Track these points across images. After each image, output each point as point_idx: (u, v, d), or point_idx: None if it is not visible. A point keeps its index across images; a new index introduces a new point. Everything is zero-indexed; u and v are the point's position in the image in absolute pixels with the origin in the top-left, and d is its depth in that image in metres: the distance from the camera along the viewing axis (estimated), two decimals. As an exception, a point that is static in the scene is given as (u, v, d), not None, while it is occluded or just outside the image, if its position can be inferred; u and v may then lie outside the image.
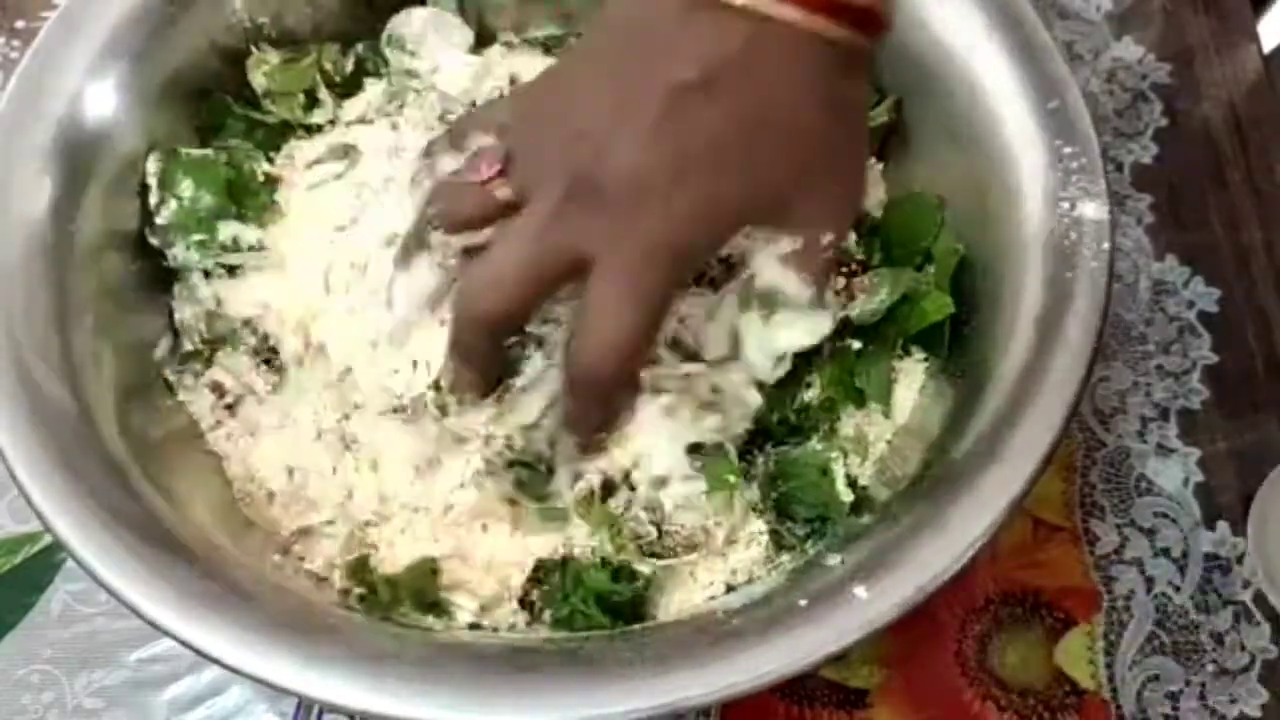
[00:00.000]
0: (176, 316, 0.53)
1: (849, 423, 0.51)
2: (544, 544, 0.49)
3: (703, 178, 0.40)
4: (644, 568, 0.48)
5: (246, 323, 0.53)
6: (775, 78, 0.40)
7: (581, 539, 0.49)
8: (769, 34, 0.39)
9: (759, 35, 0.39)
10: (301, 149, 0.56)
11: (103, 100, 0.51)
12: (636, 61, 0.41)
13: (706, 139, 0.40)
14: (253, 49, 0.56)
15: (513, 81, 0.58)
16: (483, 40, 0.61)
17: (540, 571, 0.48)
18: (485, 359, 0.46)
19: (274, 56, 0.57)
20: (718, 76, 0.39)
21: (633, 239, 0.40)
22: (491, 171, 0.43)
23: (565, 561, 0.49)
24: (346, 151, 0.55)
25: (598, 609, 0.47)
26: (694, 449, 0.49)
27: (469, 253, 0.46)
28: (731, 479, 0.48)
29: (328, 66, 0.58)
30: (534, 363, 0.47)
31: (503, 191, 0.43)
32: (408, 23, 0.59)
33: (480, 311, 0.43)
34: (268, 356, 0.52)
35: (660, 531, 0.48)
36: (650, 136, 0.40)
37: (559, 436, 0.48)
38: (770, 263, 0.45)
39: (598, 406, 0.45)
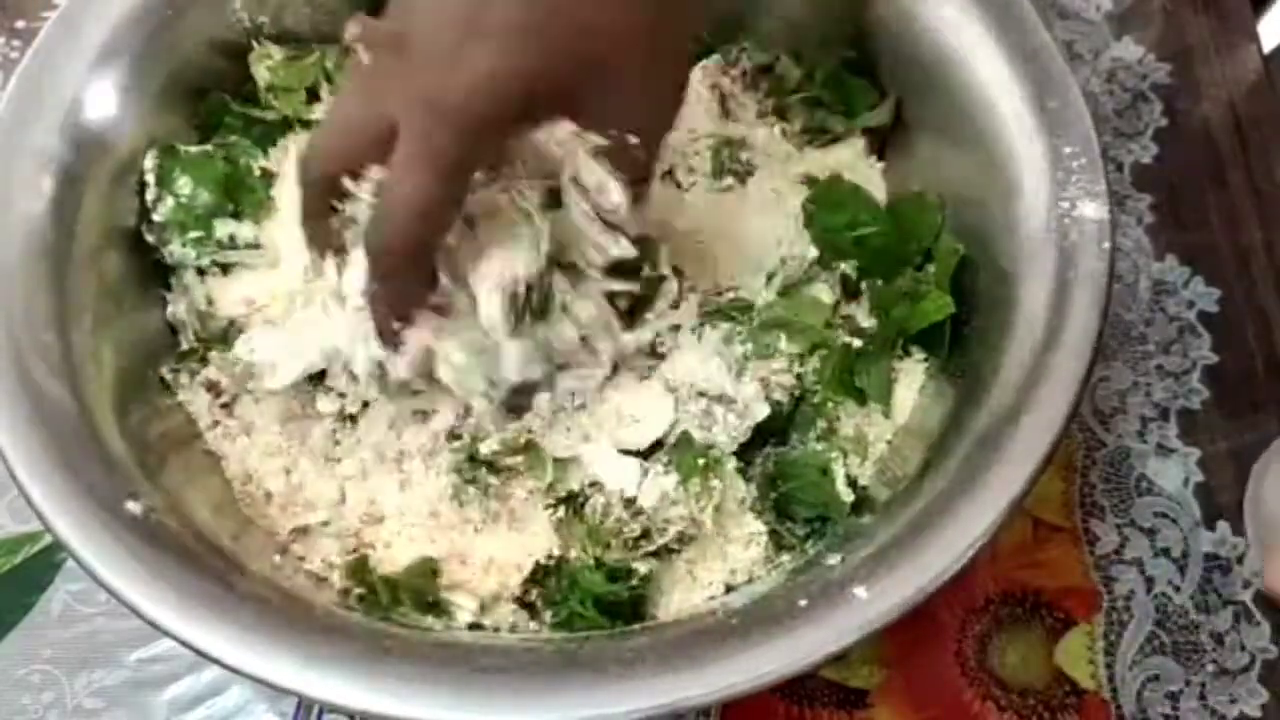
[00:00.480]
0: (171, 314, 0.53)
1: (849, 422, 0.51)
2: (542, 545, 0.49)
3: (492, 40, 0.40)
4: (641, 566, 0.48)
5: (232, 322, 0.53)
6: None
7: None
8: None
9: None
10: (297, 142, 0.56)
11: (102, 99, 0.51)
12: None
13: (501, 13, 0.39)
14: (254, 44, 0.56)
15: None
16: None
17: (539, 572, 0.48)
18: (318, 209, 0.46)
19: (277, 52, 0.57)
20: None
21: (423, 100, 0.40)
22: (354, 32, 0.42)
23: (562, 563, 0.49)
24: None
25: (595, 610, 0.47)
26: (653, 449, 0.49)
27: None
28: (701, 461, 0.49)
29: (329, 66, 0.58)
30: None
31: (363, 55, 0.43)
32: None
33: (303, 172, 0.45)
34: (257, 356, 0.53)
35: (650, 530, 0.48)
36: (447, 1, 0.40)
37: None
38: (586, 161, 0.45)
39: (398, 279, 0.45)
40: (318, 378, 0.51)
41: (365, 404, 0.51)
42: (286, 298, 0.53)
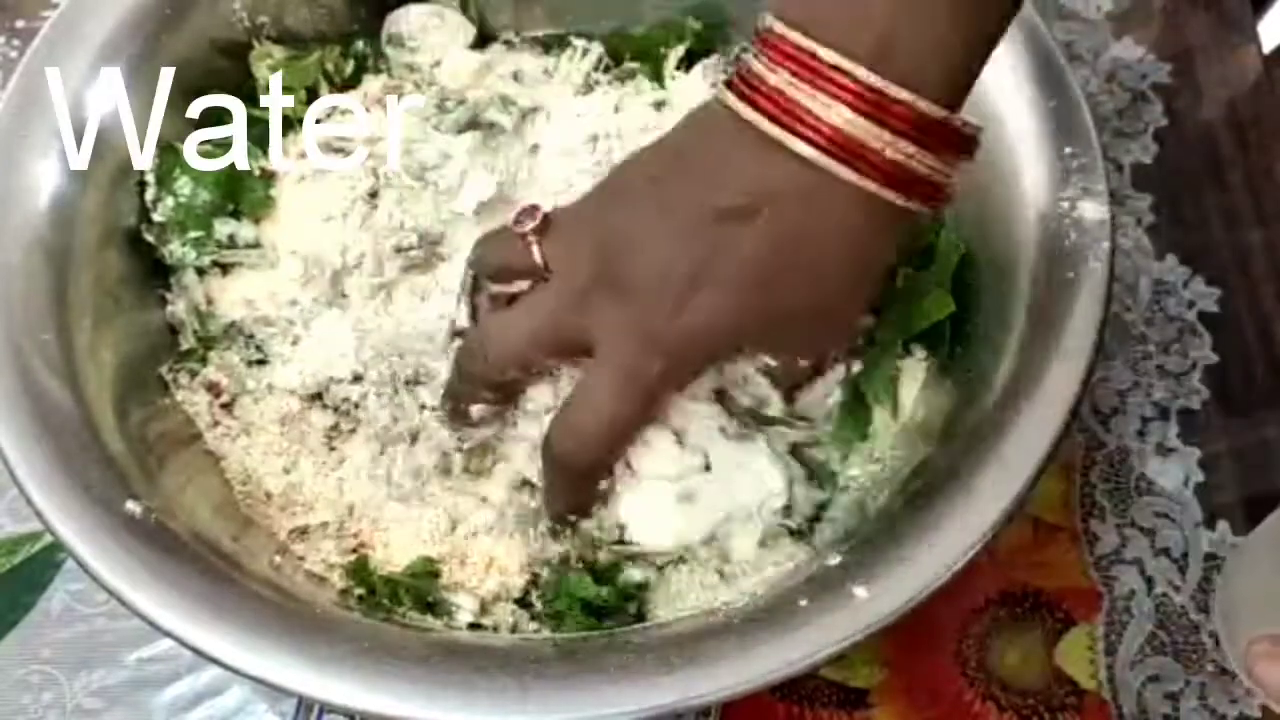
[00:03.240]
0: (171, 314, 0.53)
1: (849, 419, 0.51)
2: (541, 546, 0.49)
3: (718, 293, 0.41)
4: (635, 573, 0.48)
5: (232, 324, 0.53)
6: (815, 223, 0.41)
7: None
8: (823, 180, 0.39)
9: (812, 179, 0.39)
10: (295, 141, 0.56)
11: (102, 99, 0.51)
12: (685, 180, 0.42)
13: (733, 260, 0.41)
14: (255, 43, 0.56)
15: (515, 78, 0.58)
16: (484, 40, 0.61)
17: (538, 574, 0.49)
18: (473, 397, 0.47)
19: (278, 51, 0.57)
20: (760, 207, 0.40)
21: (638, 333, 0.42)
22: (532, 224, 0.44)
23: (560, 563, 0.49)
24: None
25: (582, 613, 0.47)
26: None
27: (495, 300, 0.47)
28: None
29: (329, 67, 0.58)
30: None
31: (536, 251, 0.44)
32: (407, 18, 0.59)
33: (481, 361, 0.46)
34: (258, 357, 0.53)
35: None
36: (682, 244, 0.41)
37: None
38: (747, 367, 0.47)
39: (570, 489, 0.47)
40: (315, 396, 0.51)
41: (357, 405, 0.51)
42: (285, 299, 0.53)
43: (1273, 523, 0.51)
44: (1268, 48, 0.70)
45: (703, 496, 0.47)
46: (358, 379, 0.51)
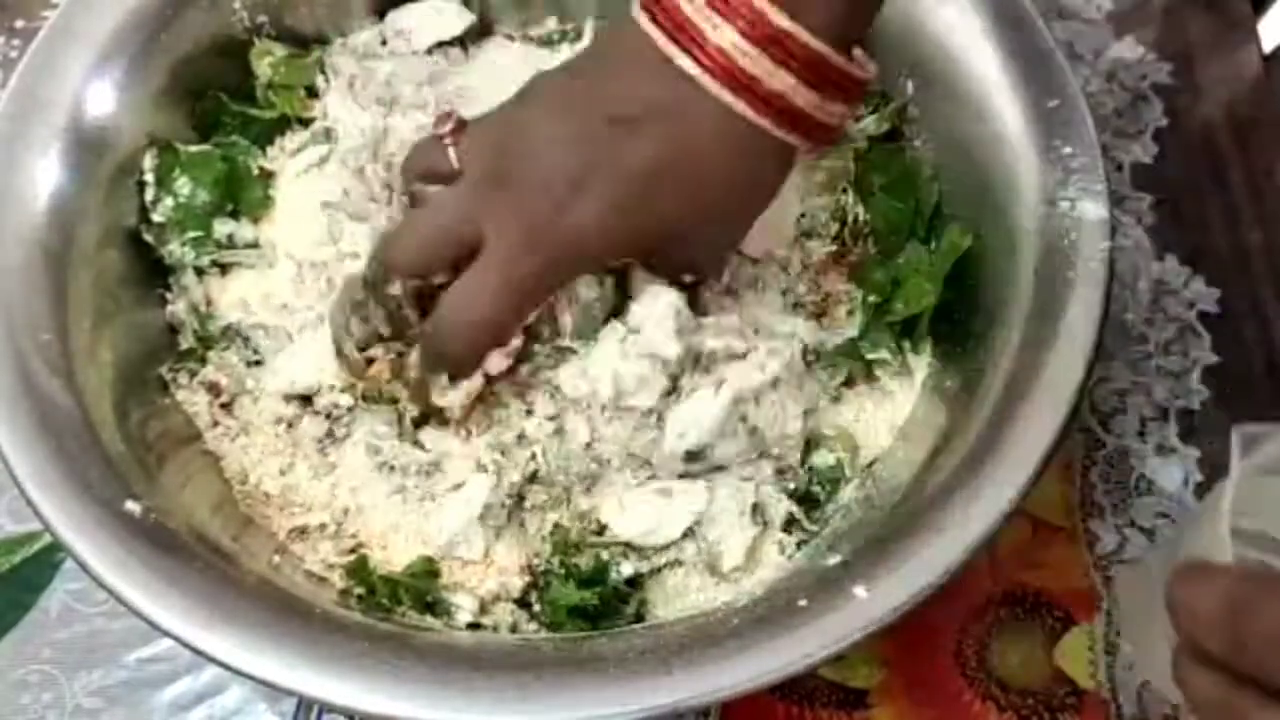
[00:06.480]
0: (171, 314, 0.53)
1: (847, 413, 0.52)
2: (539, 548, 0.49)
3: (600, 198, 0.44)
4: (625, 568, 0.48)
5: (231, 325, 0.53)
6: (695, 141, 0.43)
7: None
8: (705, 101, 0.42)
9: (703, 101, 0.42)
10: (291, 138, 0.56)
11: (102, 99, 0.51)
12: (585, 88, 0.45)
13: (617, 167, 0.43)
14: (255, 41, 0.57)
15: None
16: (484, 36, 0.61)
17: (537, 575, 0.49)
18: (384, 302, 0.48)
19: (278, 49, 0.57)
20: (648, 120, 0.43)
21: (520, 230, 0.44)
22: (446, 128, 0.46)
23: (544, 572, 0.49)
24: (328, 133, 0.55)
25: (579, 619, 0.47)
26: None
27: (416, 200, 0.49)
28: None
29: (329, 65, 0.58)
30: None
31: (452, 152, 0.46)
32: (407, 17, 0.59)
33: (387, 258, 0.47)
34: (257, 358, 0.53)
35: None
36: (572, 148, 0.44)
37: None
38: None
39: (441, 369, 0.48)
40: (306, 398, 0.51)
41: (351, 408, 0.51)
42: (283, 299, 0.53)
43: (1164, 541, 0.52)
44: (1268, 48, 0.70)
45: (679, 493, 0.48)
46: (349, 387, 0.51)
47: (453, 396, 0.48)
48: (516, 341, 0.47)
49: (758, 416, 0.49)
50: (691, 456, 0.48)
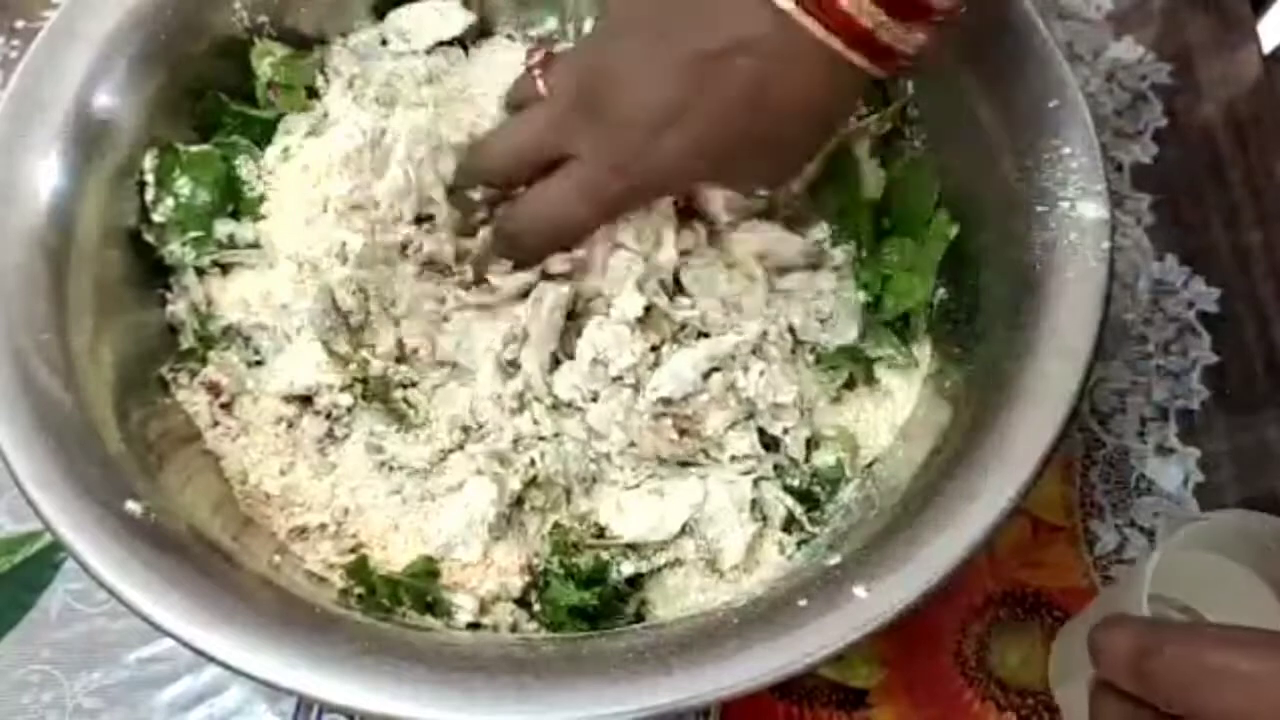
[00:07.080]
0: (171, 314, 0.53)
1: (847, 413, 0.52)
2: (539, 548, 0.49)
3: (688, 133, 0.45)
4: (626, 567, 0.48)
5: (231, 325, 0.53)
6: (783, 72, 0.44)
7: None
8: (791, 33, 0.43)
9: (783, 31, 0.43)
10: (292, 138, 0.56)
11: (102, 99, 0.51)
12: (675, 23, 0.45)
13: (707, 103, 0.45)
14: (255, 41, 0.57)
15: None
16: (484, 36, 0.61)
17: (537, 576, 0.49)
18: (460, 204, 0.53)
19: (278, 49, 0.57)
20: (736, 54, 0.44)
21: (611, 153, 0.47)
22: (535, 60, 0.50)
23: (544, 573, 0.49)
24: (328, 133, 0.55)
25: (579, 620, 0.47)
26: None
27: None
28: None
29: (328, 67, 0.58)
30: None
31: (540, 83, 0.49)
32: (407, 17, 0.59)
33: (475, 160, 0.52)
34: (257, 358, 0.53)
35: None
36: (662, 82, 0.45)
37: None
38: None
39: (512, 254, 0.52)
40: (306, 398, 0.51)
41: (349, 409, 0.51)
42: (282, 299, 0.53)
43: (1106, 592, 0.54)
44: (1268, 48, 0.70)
45: (672, 491, 0.49)
46: (348, 387, 0.51)
47: (509, 282, 0.51)
48: (581, 252, 0.51)
49: (746, 385, 0.50)
50: (682, 432, 0.49)
